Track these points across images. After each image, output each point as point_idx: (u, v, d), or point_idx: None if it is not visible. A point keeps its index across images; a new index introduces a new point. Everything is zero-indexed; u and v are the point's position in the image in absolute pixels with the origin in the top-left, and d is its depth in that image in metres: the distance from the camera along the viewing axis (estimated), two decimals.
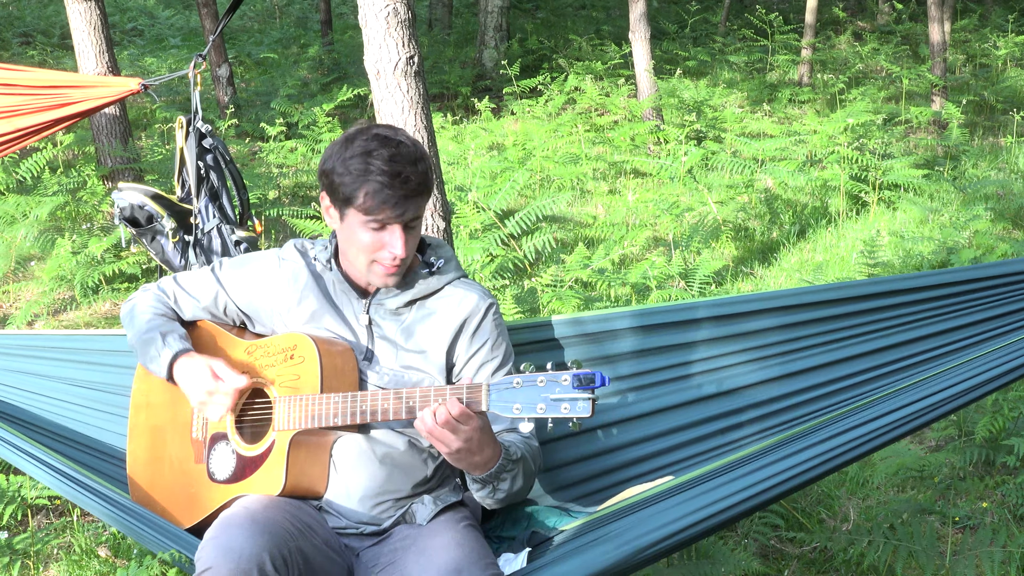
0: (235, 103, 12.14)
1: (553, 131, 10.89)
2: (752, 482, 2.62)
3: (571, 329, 3.22)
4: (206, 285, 3.03)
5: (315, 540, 2.68)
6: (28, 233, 7.54)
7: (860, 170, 8.62)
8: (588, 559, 2.57)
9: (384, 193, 2.64)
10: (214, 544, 2.47)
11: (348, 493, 2.82)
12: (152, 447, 3.06)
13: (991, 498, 4.28)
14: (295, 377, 2.76)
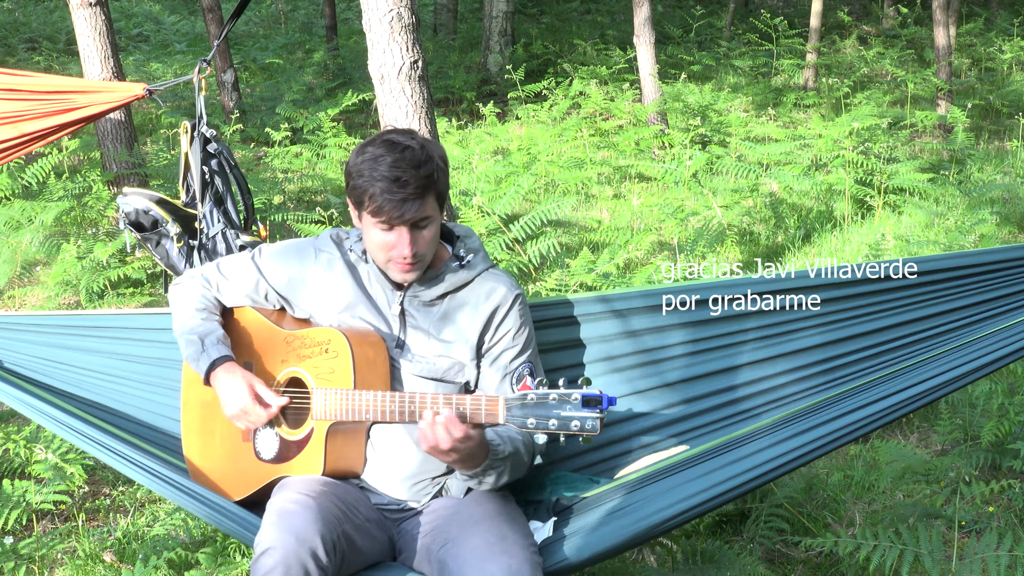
0: (240, 108, 12.15)
1: (558, 135, 10.89)
2: (763, 460, 2.87)
3: (598, 307, 3.34)
4: (246, 273, 3.16)
5: (357, 519, 2.88)
6: (33, 238, 7.55)
7: (865, 174, 8.61)
8: (608, 532, 2.85)
9: (383, 197, 2.78)
10: (276, 527, 2.66)
11: (387, 474, 3.02)
12: (203, 421, 3.23)
13: (997, 502, 4.27)
14: (330, 371, 2.93)
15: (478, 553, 2.71)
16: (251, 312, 3.18)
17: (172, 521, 4.20)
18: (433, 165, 2.82)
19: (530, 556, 2.72)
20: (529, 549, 2.76)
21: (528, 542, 2.80)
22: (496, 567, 2.65)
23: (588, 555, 2.87)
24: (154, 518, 4.38)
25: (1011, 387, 4.95)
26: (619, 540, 2.85)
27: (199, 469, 3.22)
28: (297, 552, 2.61)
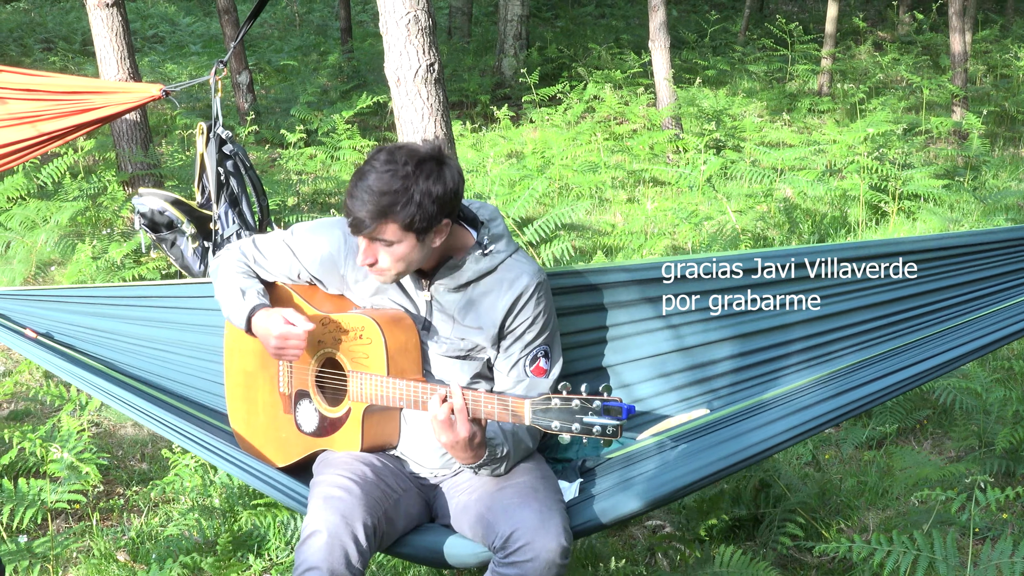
0: (255, 110, 12.17)
1: (572, 139, 10.88)
2: (780, 429, 3.03)
3: (626, 275, 3.43)
4: (280, 253, 3.28)
5: (395, 494, 3.08)
6: (49, 238, 7.57)
7: (880, 180, 8.60)
8: (630, 495, 3.02)
9: (348, 207, 2.93)
10: (320, 511, 2.88)
11: (421, 445, 3.19)
12: (246, 389, 3.41)
13: (1012, 509, 4.26)
14: (365, 356, 3.06)
15: (513, 501, 2.91)
16: (287, 292, 3.30)
17: (186, 521, 4.21)
18: (402, 197, 2.88)
19: (560, 510, 2.92)
20: (560, 503, 2.97)
21: (558, 498, 3.00)
22: (529, 512, 2.85)
23: (614, 516, 3.04)
24: (168, 518, 4.39)
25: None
26: (644, 503, 3.02)
27: (244, 438, 3.41)
28: (340, 536, 2.81)
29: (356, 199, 2.89)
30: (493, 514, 2.92)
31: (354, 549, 2.82)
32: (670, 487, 3.01)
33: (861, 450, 4.87)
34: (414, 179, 2.89)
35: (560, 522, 2.86)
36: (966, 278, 3.22)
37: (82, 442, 4.32)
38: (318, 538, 2.82)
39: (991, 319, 3.14)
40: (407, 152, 2.94)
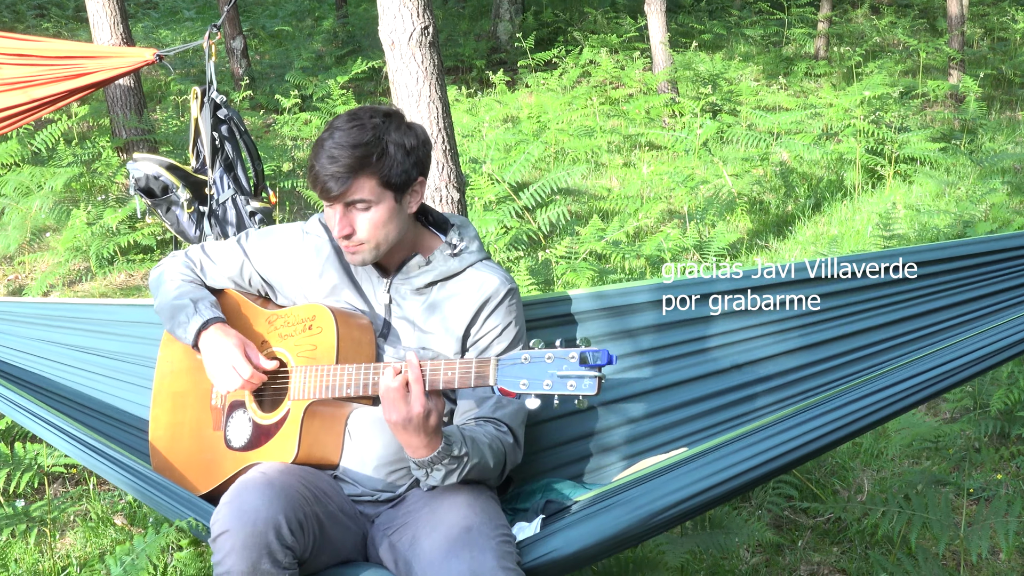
0: (249, 75, 12.13)
1: (568, 104, 10.86)
2: (765, 448, 2.66)
3: (593, 303, 3.23)
4: (232, 255, 3.07)
5: (330, 507, 2.71)
6: (43, 204, 7.55)
7: (876, 143, 8.59)
8: (600, 524, 2.61)
9: (313, 172, 2.71)
10: (230, 507, 2.50)
11: (363, 461, 2.84)
12: (173, 412, 3.10)
13: (1006, 470, 4.28)
14: (312, 348, 2.80)
15: (441, 550, 2.55)
16: (232, 293, 3.09)
17: None
18: (375, 148, 2.70)
19: (497, 546, 2.54)
20: (497, 539, 2.57)
21: (497, 532, 2.60)
22: (459, 563, 2.49)
23: (578, 547, 2.64)
24: None
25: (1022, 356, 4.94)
26: (612, 531, 2.61)
27: (166, 461, 3.07)
28: (255, 531, 2.45)
29: (324, 159, 2.68)
30: (420, 567, 2.58)
31: (278, 545, 2.46)
32: (641, 512, 2.60)
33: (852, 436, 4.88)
34: (384, 130, 2.72)
35: (495, 566, 2.49)
36: (971, 294, 3.03)
37: None
38: (229, 538, 2.46)
39: (997, 331, 2.86)
40: (369, 110, 2.77)
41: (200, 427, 3.01)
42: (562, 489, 3.10)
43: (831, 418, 2.70)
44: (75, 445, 3.00)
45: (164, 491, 2.86)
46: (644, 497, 2.62)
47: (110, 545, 3.93)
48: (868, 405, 2.71)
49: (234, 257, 3.07)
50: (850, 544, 3.83)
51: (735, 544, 3.62)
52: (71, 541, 4.02)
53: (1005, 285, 2.97)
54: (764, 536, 3.63)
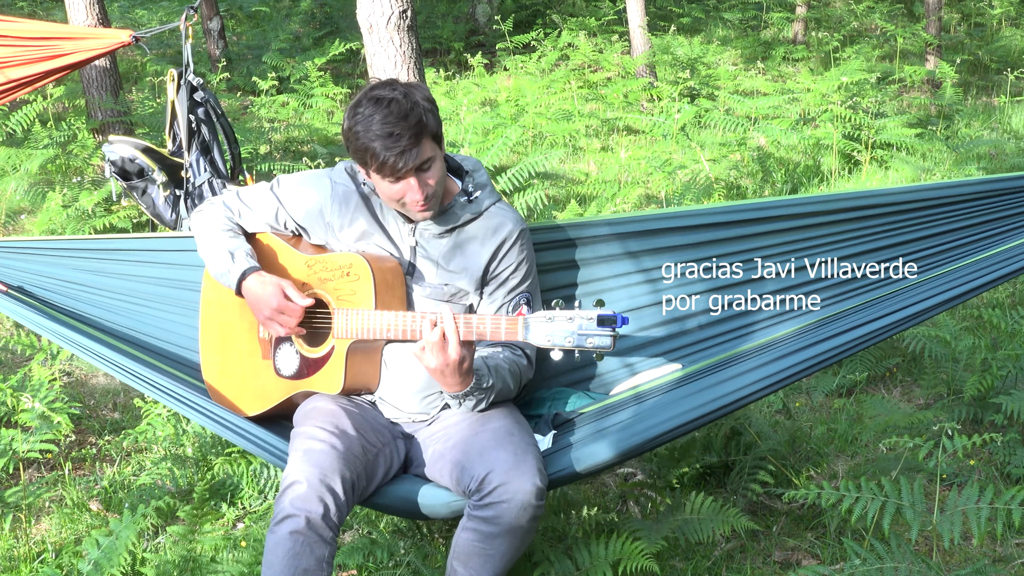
0: (226, 57, 12.07)
1: (546, 87, 10.85)
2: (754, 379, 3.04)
3: (606, 230, 3.46)
4: (267, 202, 3.29)
5: (374, 447, 3.07)
6: (18, 186, 7.51)
7: (853, 129, 8.61)
8: (605, 444, 3.02)
9: (384, 154, 2.90)
10: (301, 463, 2.88)
11: (399, 389, 3.20)
12: (222, 339, 3.39)
13: (979, 456, 4.31)
14: (352, 293, 3.08)
15: (487, 445, 2.92)
16: (271, 237, 3.30)
17: (158, 470, 4.22)
18: (420, 110, 2.92)
19: (535, 452, 2.93)
20: (534, 446, 2.97)
21: (532, 441, 3.01)
22: (504, 454, 2.86)
23: (588, 465, 3.03)
24: (140, 467, 4.39)
25: (994, 342, 4.97)
26: (618, 451, 3.01)
27: (217, 389, 3.38)
28: (319, 488, 2.82)
29: (386, 142, 2.89)
30: (468, 458, 2.92)
31: (332, 502, 2.83)
32: (644, 436, 3.02)
33: (831, 398, 4.91)
34: (412, 94, 2.94)
35: (535, 464, 2.86)
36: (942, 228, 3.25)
37: (53, 391, 4.32)
38: (297, 488, 2.83)
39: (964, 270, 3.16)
40: (382, 85, 2.99)
41: (251, 355, 3.32)
42: (568, 399, 3.44)
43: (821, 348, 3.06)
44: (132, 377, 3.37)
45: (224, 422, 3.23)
46: (642, 423, 3.03)
47: (85, 531, 3.92)
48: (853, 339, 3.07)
49: (269, 204, 3.29)
50: (824, 530, 3.85)
51: (710, 530, 3.64)
52: (46, 527, 4.01)
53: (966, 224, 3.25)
54: (739, 522, 3.64)
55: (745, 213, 3.38)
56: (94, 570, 3.25)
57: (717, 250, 3.38)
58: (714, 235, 3.39)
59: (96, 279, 3.80)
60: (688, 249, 3.42)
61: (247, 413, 3.29)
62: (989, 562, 3.64)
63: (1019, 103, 10.15)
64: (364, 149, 2.93)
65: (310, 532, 2.80)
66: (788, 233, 3.34)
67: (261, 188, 3.32)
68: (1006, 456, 4.22)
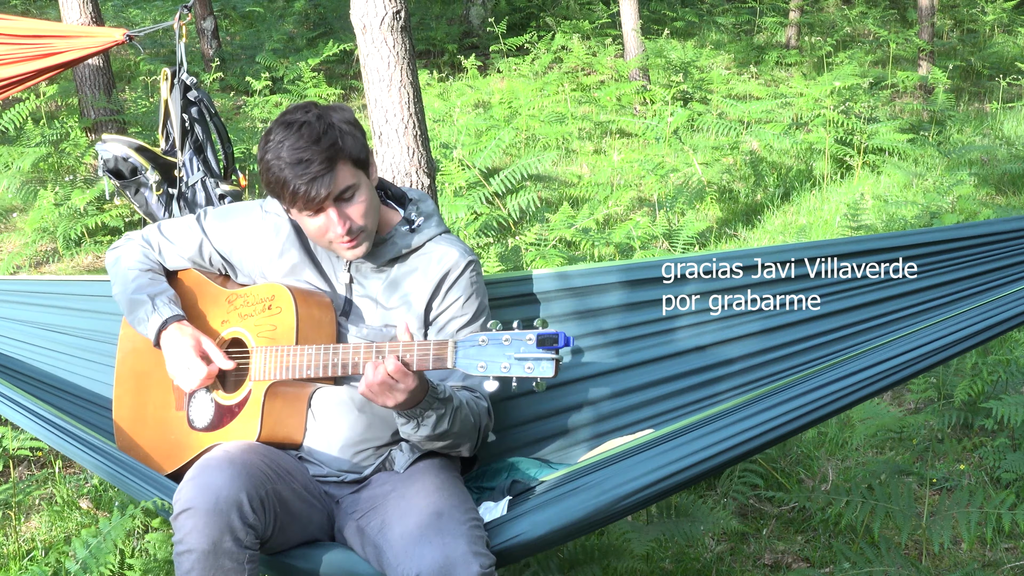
0: (220, 56, 12.05)
1: (539, 90, 10.85)
2: (732, 433, 2.67)
3: (556, 283, 3.23)
4: (191, 235, 3.04)
5: (294, 484, 2.73)
6: (10, 184, 7.51)
7: (845, 133, 8.62)
8: (567, 507, 2.64)
9: (293, 184, 2.65)
10: (192, 484, 2.52)
11: (328, 442, 2.86)
12: (136, 393, 3.09)
13: (969, 460, 4.32)
14: (272, 328, 2.79)
15: (412, 537, 2.55)
16: (192, 272, 3.07)
17: None
18: (335, 133, 2.68)
19: (467, 531, 2.55)
20: (468, 524, 2.58)
21: (467, 516, 2.62)
22: (430, 550, 2.49)
23: (545, 531, 2.67)
24: None
25: (985, 347, 4.99)
26: (579, 515, 2.64)
27: (131, 441, 3.07)
28: (217, 508, 2.47)
29: (296, 170, 2.64)
30: (392, 553, 2.57)
31: (240, 523, 2.48)
32: (610, 496, 2.63)
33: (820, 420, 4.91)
34: (327, 117, 2.70)
35: (468, 549, 2.49)
36: (966, 272, 3.00)
37: None
38: (191, 516, 2.48)
39: (984, 309, 2.84)
40: (292, 111, 2.74)
41: (163, 407, 3.00)
42: (528, 469, 3.14)
43: (798, 403, 2.71)
44: (40, 425, 2.99)
45: (130, 471, 2.87)
46: (610, 481, 2.65)
47: (75, 529, 3.91)
48: (835, 391, 2.72)
49: (192, 237, 3.04)
50: (814, 533, 3.86)
51: (700, 532, 3.65)
52: (36, 525, 4.01)
53: (976, 270, 2.99)
54: (729, 524, 3.65)
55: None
56: (82, 569, 3.25)
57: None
58: None
59: (7, 325, 3.59)
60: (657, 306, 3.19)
61: (164, 470, 2.94)
62: (978, 566, 3.65)
63: (1011, 109, 10.18)
64: (276, 181, 2.67)
65: (218, 559, 2.47)
66: (780, 284, 3.13)
67: (186, 221, 3.06)
68: (996, 461, 4.23)
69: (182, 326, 2.89)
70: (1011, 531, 3.80)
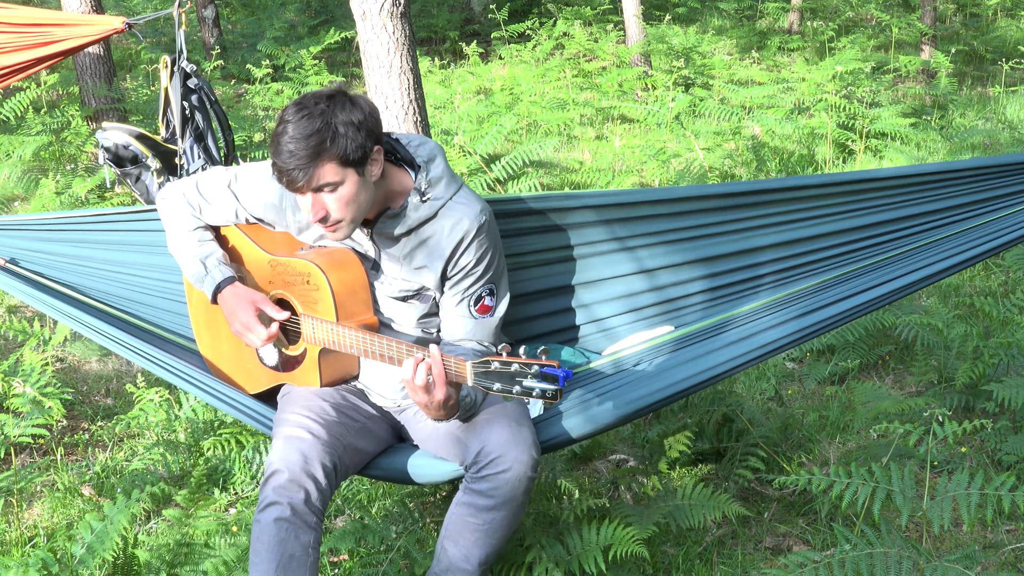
0: (221, 44, 12.05)
1: (541, 76, 10.84)
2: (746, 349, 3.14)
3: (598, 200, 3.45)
4: (225, 199, 3.23)
5: (360, 420, 3.13)
6: (12, 173, 7.51)
7: (848, 118, 8.61)
8: (596, 413, 3.09)
9: (278, 165, 2.85)
10: (280, 451, 2.93)
11: (380, 380, 3.21)
12: (208, 319, 3.40)
13: (970, 443, 4.32)
14: (314, 301, 3.05)
15: (483, 419, 2.97)
16: (235, 232, 3.27)
17: (151, 456, 4.22)
18: (328, 132, 2.82)
19: (529, 425, 3.00)
20: (528, 419, 3.04)
21: (525, 412, 3.08)
22: (500, 427, 2.92)
23: (580, 433, 3.11)
24: (132, 453, 4.40)
25: (986, 330, 4.98)
26: (610, 419, 3.09)
27: (213, 364, 3.43)
28: (300, 475, 2.87)
29: (283, 155, 2.82)
30: (464, 432, 2.98)
31: (313, 488, 2.88)
32: (636, 405, 3.09)
33: (823, 385, 4.92)
34: (331, 113, 2.83)
35: (530, 436, 2.93)
36: (935, 206, 3.26)
37: (45, 376, 4.31)
38: (279, 476, 2.88)
39: (953, 241, 3.21)
40: (313, 96, 2.89)
41: (236, 344, 3.31)
42: (560, 355, 3.50)
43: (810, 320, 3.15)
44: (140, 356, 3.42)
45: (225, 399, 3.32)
46: (632, 393, 3.11)
47: (78, 515, 3.92)
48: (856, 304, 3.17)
49: (228, 202, 3.23)
50: (815, 516, 3.87)
51: (701, 516, 3.65)
52: (38, 511, 4.02)
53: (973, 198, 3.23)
54: (730, 508, 3.66)
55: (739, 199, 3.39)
56: (87, 554, 3.26)
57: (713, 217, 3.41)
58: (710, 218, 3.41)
59: (88, 251, 3.77)
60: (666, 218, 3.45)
61: (248, 391, 3.32)
62: (979, 548, 3.65)
63: (1014, 93, 10.16)
64: (272, 158, 2.87)
65: (295, 518, 2.85)
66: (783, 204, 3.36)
67: (219, 183, 3.23)
68: (997, 443, 4.23)
69: (235, 288, 3.16)
70: (1012, 513, 3.80)
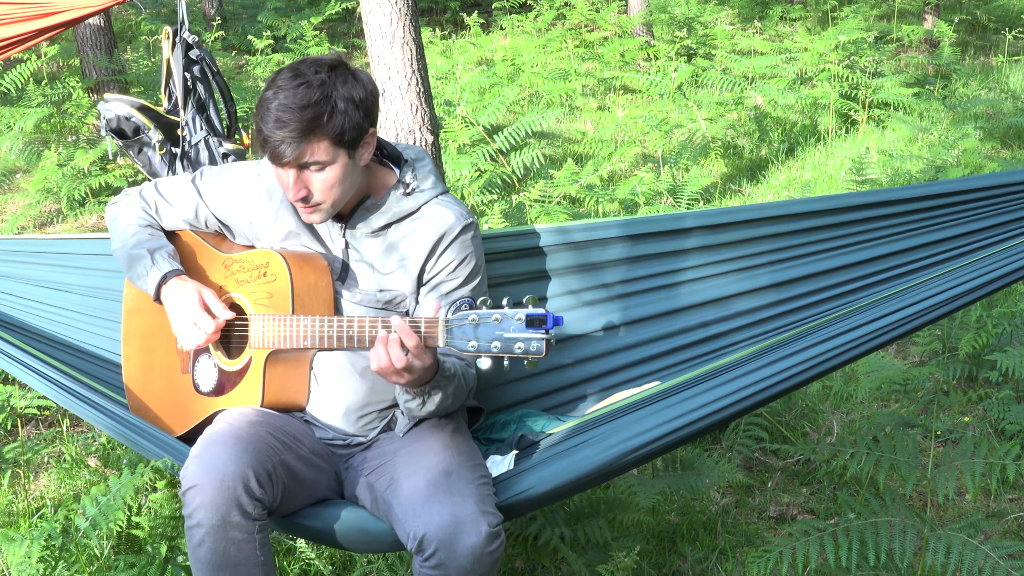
0: (221, 15, 12.01)
1: (543, 47, 10.81)
2: (737, 387, 2.65)
3: (556, 238, 3.21)
4: (186, 196, 2.98)
5: (301, 450, 2.72)
6: (13, 145, 7.50)
7: (850, 88, 8.59)
8: (573, 462, 2.63)
9: (264, 134, 2.59)
10: (198, 462, 2.51)
11: (331, 407, 2.85)
12: (142, 352, 3.07)
13: (973, 412, 4.33)
14: (268, 295, 2.76)
15: (421, 495, 2.56)
16: (189, 235, 3.01)
17: None
18: (326, 107, 2.57)
19: (476, 490, 2.56)
20: (477, 483, 2.60)
21: (476, 475, 2.63)
22: (439, 509, 2.50)
23: (552, 486, 2.66)
24: None
25: (989, 300, 4.99)
26: (585, 470, 2.63)
27: (141, 402, 3.05)
28: (224, 485, 2.47)
29: (272, 124, 2.55)
30: (401, 510, 2.58)
31: (247, 498, 2.49)
32: (616, 450, 2.61)
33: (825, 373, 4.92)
34: (331, 85, 2.58)
35: (477, 509, 2.50)
36: (970, 227, 2.94)
37: None
38: (198, 493, 2.48)
39: (988, 262, 2.81)
40: (312, 63, 2.62)
41: (170, 369, 2.98)
42: (536, 421, 3.12)
43: (804, 356, 2.69)
44: (49, 384, 3.01)
45: (141, 432, 2.88)
46: (616, 436, 2.64)
47: (84, 487, 3.94)
48: (841, 343, 2.70)
49: (188, 199, 2.97)
50: (819, 485, 3.88)
51: (706, 485, 3.66)
52: (45, 483, 4.03)
53: (979, 225, 2.94)
54: (734, 477, 3.67)
55: (716, 217, 3.15)
56: (92, 526, 3.27)
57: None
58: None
59: (14, 285, 3.59)
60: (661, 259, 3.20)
61: (174, 432, 2.94)
62: (983, 517, 3.66)
63: (1017, 63, 10.13)
64: (257, 121, 2.60)
65: (227, 531, 2.49)
66: (786, 238, 3.10)
67: (182, 181, 2.99)
68: (1000, 412, 4.24)
69: (182, 280, 2.84)
70: (1015, 482, 3.82)
